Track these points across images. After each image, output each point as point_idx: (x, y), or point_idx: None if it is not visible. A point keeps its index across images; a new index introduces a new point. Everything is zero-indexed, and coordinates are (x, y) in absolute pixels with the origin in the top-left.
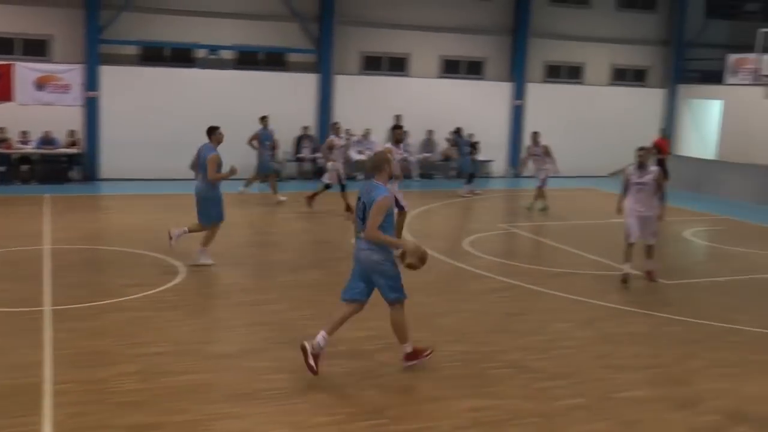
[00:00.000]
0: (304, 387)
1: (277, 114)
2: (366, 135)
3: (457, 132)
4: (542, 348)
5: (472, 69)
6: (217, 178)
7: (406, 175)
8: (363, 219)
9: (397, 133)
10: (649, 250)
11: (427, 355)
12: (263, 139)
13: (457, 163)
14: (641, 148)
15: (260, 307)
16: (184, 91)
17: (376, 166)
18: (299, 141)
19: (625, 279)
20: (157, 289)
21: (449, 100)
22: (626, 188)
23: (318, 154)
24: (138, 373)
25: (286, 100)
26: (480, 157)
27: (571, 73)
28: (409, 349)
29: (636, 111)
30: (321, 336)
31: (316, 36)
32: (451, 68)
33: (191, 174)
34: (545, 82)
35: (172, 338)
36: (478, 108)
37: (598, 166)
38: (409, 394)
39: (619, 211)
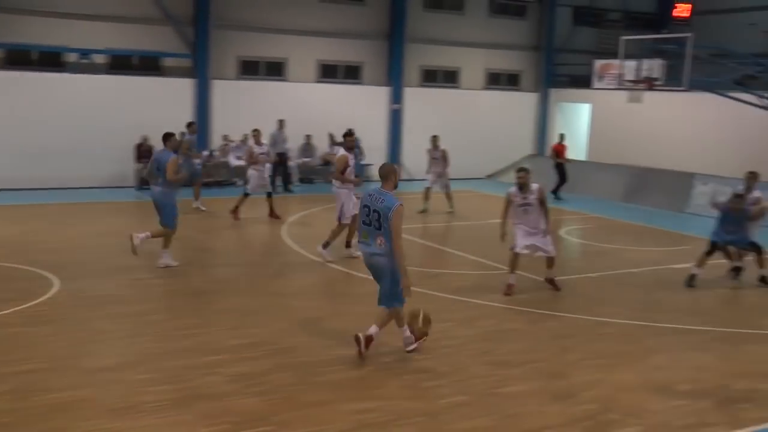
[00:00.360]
0: (187, 397)
1: (152, 120)
2: (245, 140)
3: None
4: (425, 348)
5: (350, 73)
6: (176, 179)
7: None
8: (370, 224)
9: (349, 141)
10: (550, 261)
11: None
12: (191, 147)
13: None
14: (521, 170)
15: (139, 318)
16: (53, 97)
17: (386, 175)
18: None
19: (508, 292)
20: (30, 304)
21: (327, 104)
22: (507, 209)
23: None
24: (10, 393)
25: (161, 105)
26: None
27: (448, 78)
28: (374, 330)
29: (510, 114)
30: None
31: (192, 40)
32: (329, 73)
33: (61, 183)
34: (422, 86)
35: (46, 354)
36: (356, 112)
37: (475, 168)
38: (294, 400)
39: (503, 236)
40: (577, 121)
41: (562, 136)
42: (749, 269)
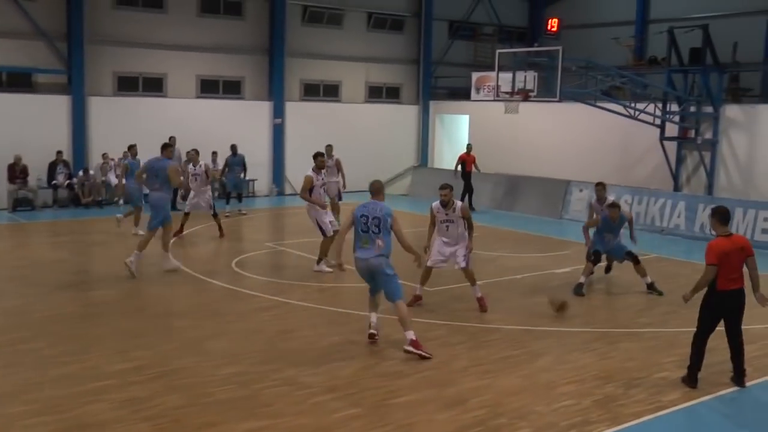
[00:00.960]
0: (71, 427)
1: (25, 139)
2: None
3: (233, 150)
4: (314, 362)
5: (231, 88)
6: (180, 184)
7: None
8: (368, 230)
9: (320, 161)
10: (469, 276)
11: (426, 355)
12: (133, 169)
13: (229, 182)
14: (444, 187)
15: (13, 347)
16: None
17: (378, 189)
18: (53, 167)
19: (412, 303)
20: None
21: (209, 120)
22: (433, 224)
23: (74, 180)
24: None
25: (35, 123)
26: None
27: (329, 92)
28: (412, 336)
29: (392, 126)
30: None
31: (66, 55)
32: (210, 88)
33: None
34: (303, 100)
35: None
36: (238, 127)
37: (359, 181)
38: (184, 423)
39: (426, 249)
40: (456, 132)
41: (469, 146)
42: (630, 276)
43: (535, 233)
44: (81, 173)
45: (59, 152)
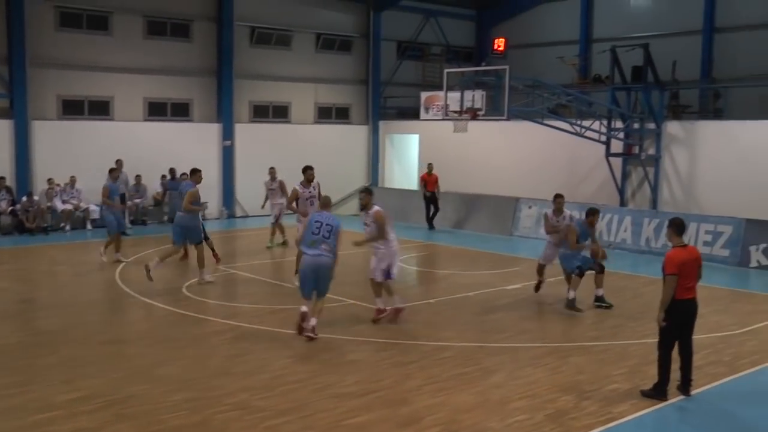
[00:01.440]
0: None
1: None
2: (72, 183)
3: (171, 174)
4: (267, 386)
5: (179, 111)
6: (190, 209)
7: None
8: (319, 233)
9: (309, 174)
10: (387, 288)
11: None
12: (112, 193)
13: (170, 206)
14: (363, 191)
15: None
16: None
17: (327, 203)
18: None
19: (377, 318)
20: None
21: (157, 143)
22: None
23: (18, 206)
24: None
25: None
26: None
27: (278, 113)
28: (315, 323)
29: (342, 147)
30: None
31: (7, 79)
32: (158, 111)
33: None
34: (253, 121)
35: None
36: (187, 150)
37: None
38: None
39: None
40: (407, 152)
41: (430, 167)
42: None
43: (486, 250)
44: (25, 199)
45: (2, 178)
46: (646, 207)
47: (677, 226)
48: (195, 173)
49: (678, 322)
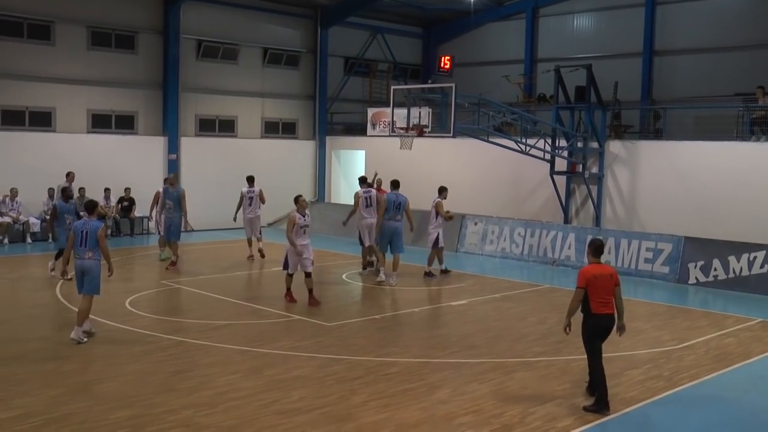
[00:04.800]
0: None
1: None
2: (13, 195)
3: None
4: (211, 402)
5: (124, 123)
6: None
7: None
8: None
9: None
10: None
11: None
12: (63, 212)
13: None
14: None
15: None
16: None
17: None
18: None
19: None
20: None
21: (101, 155)
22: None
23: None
24: None
25: None
26: (136, 213)
27: (225, 127)
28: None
29: (289, 162)
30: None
31: None
32: (102, 123)
33: None
34: (199, 135)
35: None
36: (131, 163)
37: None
38: None
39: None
40: (353, 168)
41: (378, 182)
42: (525, 307)
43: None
44: None
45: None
46: (590, 224)
47: (596, 248)
48: (65, 191)
49: (597, 335)
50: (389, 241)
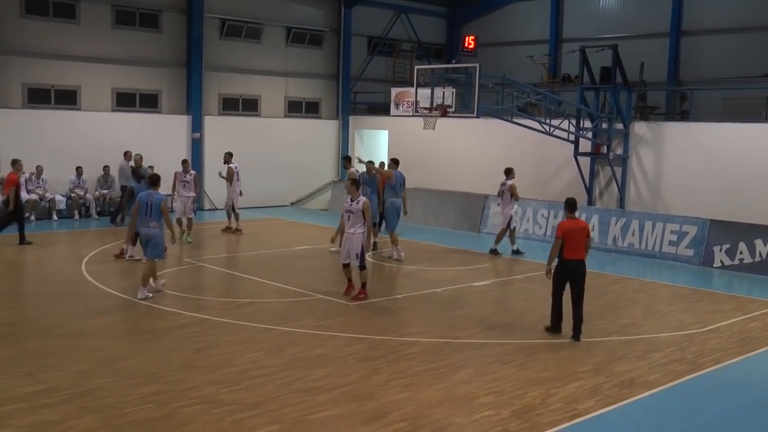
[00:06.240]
0: None
1: None
2: (39, 173)
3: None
4: (234, 380)
5: (148, 102)
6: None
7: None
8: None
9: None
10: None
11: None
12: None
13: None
14: (352, 183)
15: None
16: None
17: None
18: None
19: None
20: None
21: (125, 134)
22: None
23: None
24: None
25: None
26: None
27: (248, 106)
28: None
29: (312, 141)
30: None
31: None
32: (126, 101)
33: None
34: (222, 114)
35: None
36: (155, 141)
37: (279, 195)
38: None
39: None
40: (376, 147)
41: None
42: (546, 289)
43: (454, 247)
44: None
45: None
46: (614, 206)
47: (570, 205)
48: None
49: (565, 278)
50: (395, 217)
